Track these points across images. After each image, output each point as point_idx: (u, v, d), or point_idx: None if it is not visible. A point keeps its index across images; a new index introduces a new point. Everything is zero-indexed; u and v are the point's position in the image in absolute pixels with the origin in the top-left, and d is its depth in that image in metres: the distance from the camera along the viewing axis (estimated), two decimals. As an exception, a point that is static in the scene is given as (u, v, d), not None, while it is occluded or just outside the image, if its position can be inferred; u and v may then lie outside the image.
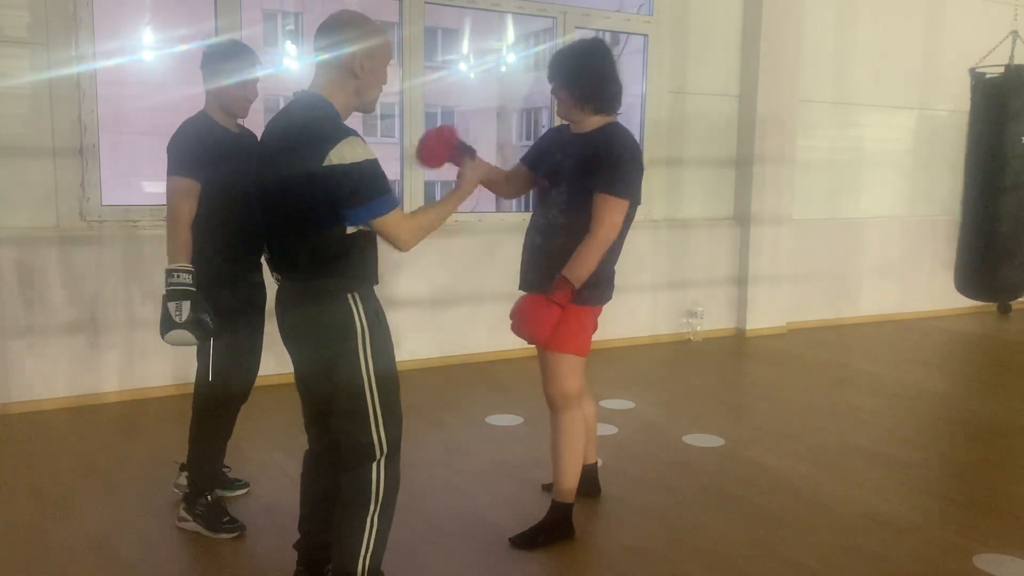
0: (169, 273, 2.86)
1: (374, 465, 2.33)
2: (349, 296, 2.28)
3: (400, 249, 2.28)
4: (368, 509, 2.33)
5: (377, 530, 2.35)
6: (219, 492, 3.34)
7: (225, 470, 3.44)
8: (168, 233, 2.92)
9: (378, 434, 2.32)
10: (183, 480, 3.33)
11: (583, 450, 3.12)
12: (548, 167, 3.06)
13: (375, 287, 2.40)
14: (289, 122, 2.29)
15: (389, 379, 2.35)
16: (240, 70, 3.01)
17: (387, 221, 2.22)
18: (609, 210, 2.85)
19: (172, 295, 2.83)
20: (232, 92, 3.02)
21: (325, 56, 2.28)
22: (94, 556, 2.88)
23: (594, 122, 2.97)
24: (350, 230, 2.23)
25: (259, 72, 3.11)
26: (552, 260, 2.97)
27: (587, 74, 2.94)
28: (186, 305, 2.82)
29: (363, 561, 2.33)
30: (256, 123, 3.25)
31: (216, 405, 3.10)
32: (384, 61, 2.32)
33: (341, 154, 2.14)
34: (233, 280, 3.03)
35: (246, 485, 3.48)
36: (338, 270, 2.27)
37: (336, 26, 2.29)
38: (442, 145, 2.80)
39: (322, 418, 2.43)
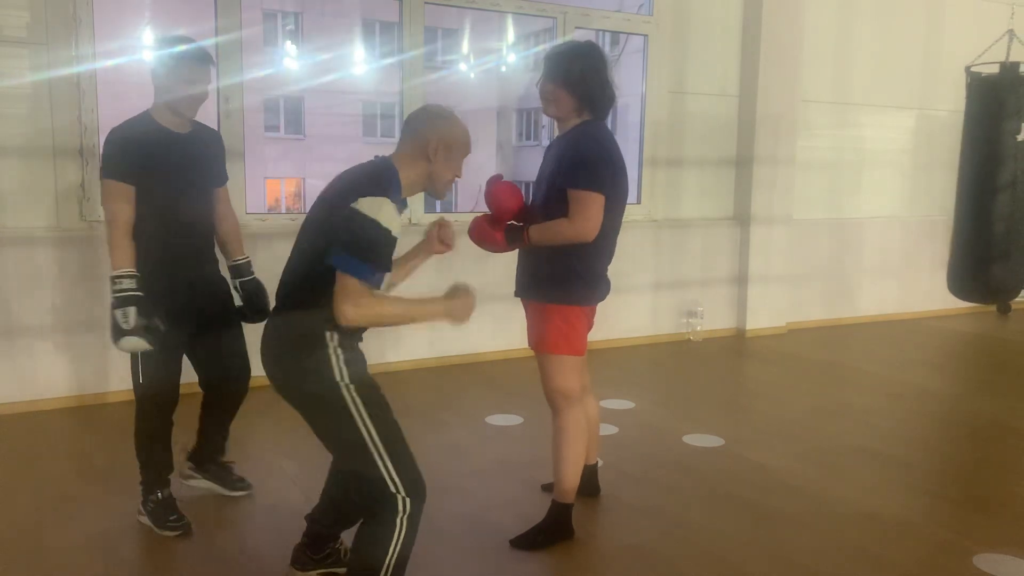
0: (113, 280, 2.83)
1: (381, 468, 2.29)
2: (327, 333, 2.27)
3: (336, 317, 2.18)
4: (395, 514, 2.30)
5: (405, 534, 2.32)
6: (219, 491, 3.37)
7: (231, 465, 3.44)
8: (108, 238, 2.88)
9: (370, 436, 2.28)
10: (188, 469, 3.41)
11: (584, 451, 3.12)
12: (538, 176, 3.09)
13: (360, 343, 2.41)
14: (354, 173, 2.35)
15: (366, 381, 2.32)
16: (193, 73, 2.94)
17: (349, 283, 2.16)
18: (581, 204, 2.82)
19: (118, 302, 2.80)
20: (182, 94, 2.95)
21: (409, 133, 2.39)
22: (94, 556, 2.88)
23: (573, 122, 2.97)
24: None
25: (212, 75, 3.04)
26: (536, 263, 2.98)
27: (591, 75, 2.92)
28: (132, 311, 2.79)
29: (387, 568, 2.30)
30: (254, 123, 3.25)
31: (150, 406, 3.08)
32: (459, 155, 2.43)
33: (368, 205, 2.18)
34: (181, 281, 3.02)
35: (248, 487, 3.44)
36: (327, 314, 2.23)
37: (426, 113, 2.44)
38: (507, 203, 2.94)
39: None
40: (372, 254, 2.18)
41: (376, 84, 22.86)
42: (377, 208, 2.18)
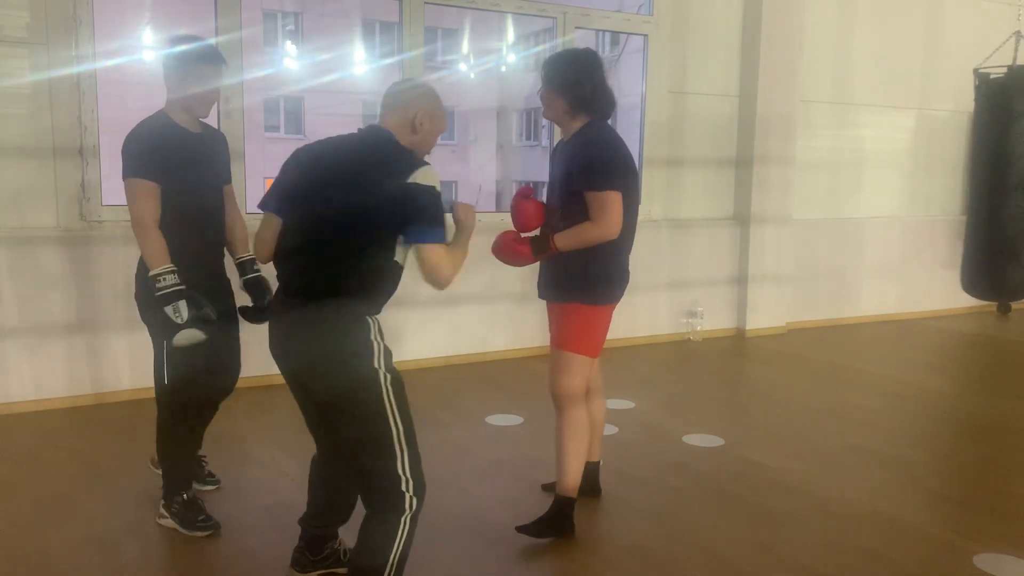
0: (155, 279, 2.83)
1: (400, 473, 2.30)
2: (368, 319, 2.31)
3: (439, 284, 2.30)
4: (402, 513, 2.30)
5: (408, 532, 2.33)
6: (196, 485, 3.37)
7: (203, 461, 3.47)
8: (139, 238, 2.88)
9: (400, 444, 2.29)
10: (154, 467, 3.41)
11: (586, 448, 3.16)
12: (549, 179, 3.14)
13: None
14: (366, 148, 2.36)
15: (403, 391, 2.34)
16: (207, 73, 2.97)
17: (436, 251, 2.27)
18: (602, 204, 2.89)
19: (166, 299, 2.81)
20: (197, 94, 2.97)
21: (396, 105, 2.42)
22: (94, 556, 2.88)
23: (576, 126, 3.02)
24: (396, 258, 2.30)
25: (225, 75, 3.10)
26: (559, 265, 3.02)
27: (586, 81, 2.98)
28: (183, 305, 2.82)
29: (391, 566, 2.30)
30: (254, 122, 3.28)
31: (178, 409, 3.08)
32: (439, 126, 2.47)
33: (424, 176, 2.27)
34: (193, 284, 2.98)
35: (216, 482, 3.49)
36: (363, 294, 2.30)
37: (407, 87, 2.53)
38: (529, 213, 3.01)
39: (328, 428, 2.45)
40: (443, 218, 2.31)
41: (376, 84, 22.85)
42: (432, 177, 2.28)
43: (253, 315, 3.11)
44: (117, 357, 4.64)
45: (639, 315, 6.26)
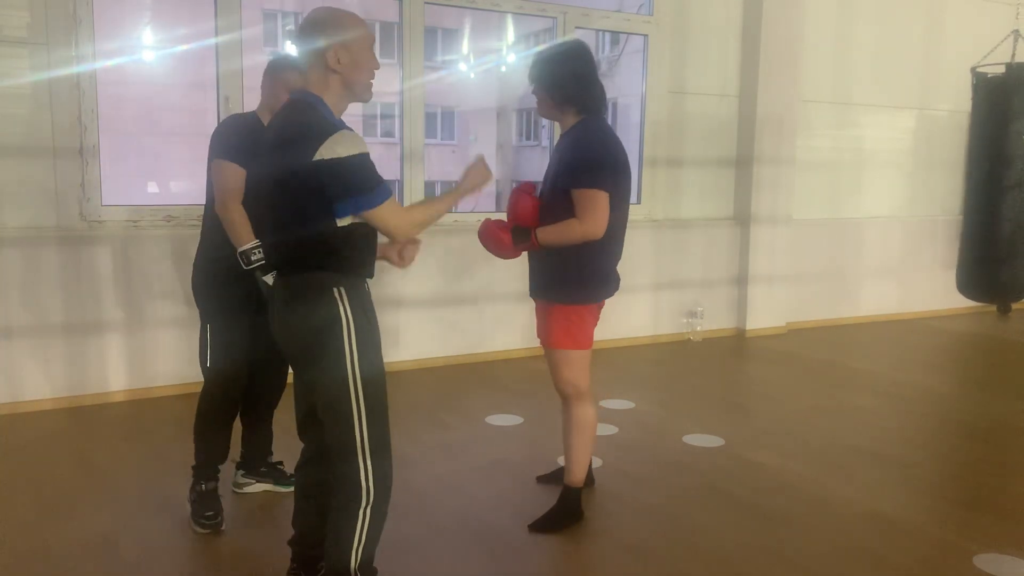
0: (244, 254, 2.96)
1: (360, 463, 2.32)
2: (335, 290, 2.28)
3: (395, 239, 2.34)
4: (359, 505, 2.33)
5: (369, 524, 2.34)
6: (276, 489, 3.42)
7: (279, 466, 3.49)
8: (224, 218, 3.00)
9: (361, 432, 2.31)
10: (240, 478, 3.44)
11: (594, 441, 3.21)
12: (544, 174, 3.16)
13: (369, 281, 2.41)
14: (284, 121, 2.31)
15: (375, 377, 2.34)
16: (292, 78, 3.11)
17: (380, 213, 2.24)
18: (587, 202, 2.88)
19: (262, 271, 2.94)
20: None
21: (305, 57, 2.31)
22: (94, 556, 2.89)
23: (571, 121, 3.03)
24: (341, 223, 2.24)
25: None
26: (546, 264, 3.03)
27: (569, 77, 2.99)
28: (274, 274, 2.93)
29: (355, 555, 2.34)
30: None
31: (218, 389, 3.15)
32: (362, 48, 2.30)
33: (332, 149, 2.16)
34: (248, 275, 3.06)
35: None
36: (325, 264, 2.28)
37: (308, 26, 2.30)
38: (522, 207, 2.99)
39: (311, 416, 2.44)
40: (369, 181, 2.22)
41: (376, 84, 22.76)
42: (342, 147, 2.17)
43: None
44: (117, 357, 4.64)
45: (639, 315, 6.27)
